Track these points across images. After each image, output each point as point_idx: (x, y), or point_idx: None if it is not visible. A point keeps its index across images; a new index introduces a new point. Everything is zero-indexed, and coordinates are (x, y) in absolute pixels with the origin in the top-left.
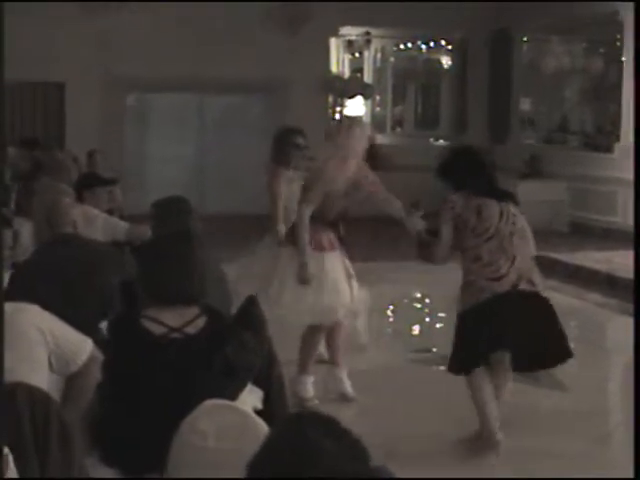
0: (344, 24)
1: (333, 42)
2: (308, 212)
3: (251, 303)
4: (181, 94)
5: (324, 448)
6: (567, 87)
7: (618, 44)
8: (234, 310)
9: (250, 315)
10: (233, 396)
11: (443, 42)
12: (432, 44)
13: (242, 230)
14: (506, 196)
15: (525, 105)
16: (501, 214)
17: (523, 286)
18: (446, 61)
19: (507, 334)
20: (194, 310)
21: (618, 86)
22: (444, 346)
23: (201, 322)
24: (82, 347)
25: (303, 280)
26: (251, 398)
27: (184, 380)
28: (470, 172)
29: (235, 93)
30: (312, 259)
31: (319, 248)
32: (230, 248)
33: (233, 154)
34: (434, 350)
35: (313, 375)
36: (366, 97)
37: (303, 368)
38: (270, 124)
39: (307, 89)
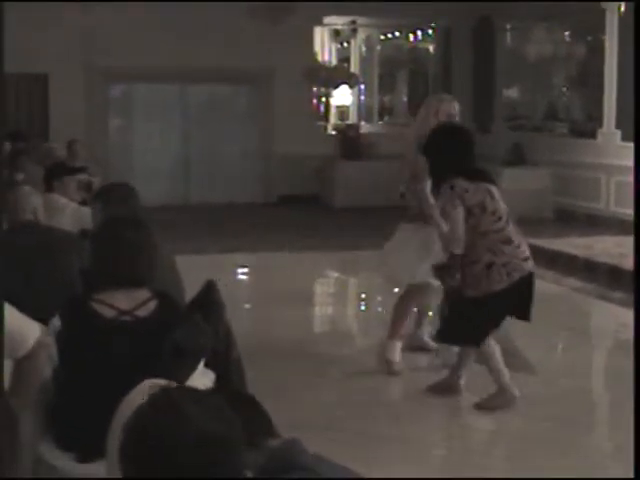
0: (329, 13)
1: (320, 31)
2: (428, 189)
3: (210, 287)
4: (165, 84)
5: (190, 414)
6: (554, 74)
7: (600, 32)
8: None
9: (207, 299)
10: (183, 378)
11: (429, 31)
12: (418, 32)
13: (228, 219)
14: (490, 178)
15: (513, 93)
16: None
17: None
18: (432, 49)
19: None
20: (145, 293)
21: (602, 73)
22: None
23: (152, 305)
24: (30, 331)
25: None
26: (202, 380)
27: (134, 362)
28: (462, 154)
29: (219, 83)
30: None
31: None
32: (214, 237)
33: (218, 144)
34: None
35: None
36: (351, 86)
37: (394, 334)
38: (255, 113)
39: (292, 78)
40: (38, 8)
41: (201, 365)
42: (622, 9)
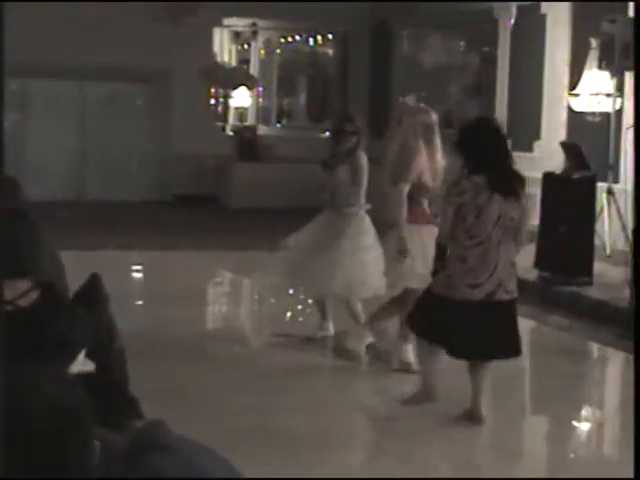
0: (229, 15)
1: (221, 33)
2: (406, 190)
3: (94, 280)
4: (63, 81)
5: (42, 386)
6: (450, 83)
7: (494, 43)
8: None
9: (91, 292)
10: (62, 367)
11: (329, 35)
12: (318, 37)
13: (123, 217)
14: (514, 188)
15: (410, 100)
16: (498, 218)
17: (499, 295)
18: (331, 54)
19: (461, 342)
20: (26, 284)
21: (495, 83)
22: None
23: (34, 295)
24: None
25: (402, 252)
26: (82, 370)
27: (14, 352)
28: (487, 154)
29: (118, 81)
30: (409, 231)
31: (414, 221)
32: (108, 234)
33: (115, 141)
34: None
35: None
36: (249, 88)
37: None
38: (153, 112)
39: (190, 78)
40: None
41: (82, 355)
42: (512, 20)
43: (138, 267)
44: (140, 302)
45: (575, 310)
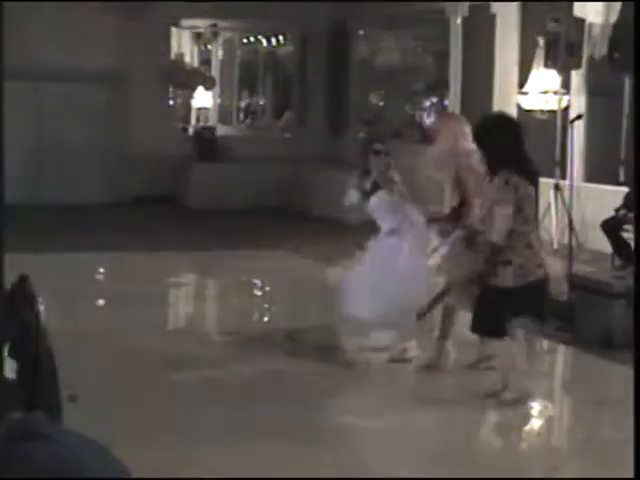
0: (187, 16)
1: (179, 34)
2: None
3: (22, 281)
4: (18, 82)
5: None
6: (408, 82)
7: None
8: None
9: (19, 292)
10: None
11: (289, 35)
12: (280, 37)
13: (81, 219)
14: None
15: (373, 99)
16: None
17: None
18: (291, 54)
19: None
20: None
21: None
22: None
23: None
24: None
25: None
26: (5, 369)
27: None
28: (519, 144)
29: (75, 82)
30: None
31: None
32: (67, 236)
33: (72, 143)
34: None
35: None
36: (207, 88)
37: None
38: (111, 113)
39: (149, 78)
40: None
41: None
42: (459, 21)
43: (99, 269)
44: (101, 303)
45: None
